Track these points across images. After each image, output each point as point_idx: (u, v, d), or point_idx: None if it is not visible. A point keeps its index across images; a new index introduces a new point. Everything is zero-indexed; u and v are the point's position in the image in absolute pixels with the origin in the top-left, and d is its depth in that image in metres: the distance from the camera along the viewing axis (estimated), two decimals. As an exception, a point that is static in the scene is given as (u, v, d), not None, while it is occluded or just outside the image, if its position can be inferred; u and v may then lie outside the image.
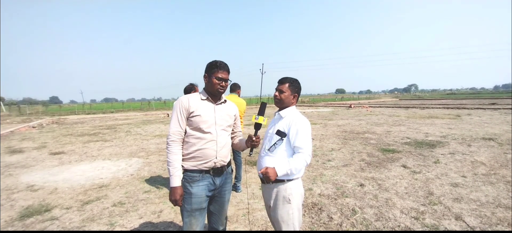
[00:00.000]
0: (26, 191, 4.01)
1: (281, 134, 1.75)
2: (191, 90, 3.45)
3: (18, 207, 3.40)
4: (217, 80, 1.74)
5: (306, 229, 2.72)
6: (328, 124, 11.48)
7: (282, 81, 1.86)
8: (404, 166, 4.72)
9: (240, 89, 3.90)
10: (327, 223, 2.82)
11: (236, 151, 3.69)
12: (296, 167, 1.68)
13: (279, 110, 1.88)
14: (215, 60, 1.78)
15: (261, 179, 1.82)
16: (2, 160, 6.16)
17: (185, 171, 1.73)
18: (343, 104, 30.94)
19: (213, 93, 1.79)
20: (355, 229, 2.69)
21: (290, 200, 1.74)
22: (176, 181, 1.67)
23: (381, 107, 22.67)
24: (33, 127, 13.67)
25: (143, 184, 4.20)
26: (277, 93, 1.84)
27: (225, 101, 1.89)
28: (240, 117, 3.43)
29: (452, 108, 18.33)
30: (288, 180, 1.74)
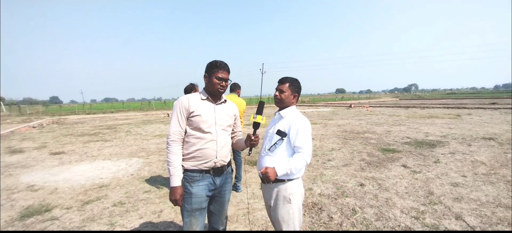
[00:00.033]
0: (26, 191, 4.01)
1: (282, 134, 1.75)
2: (191, 90, 3.45)
3: (18, 207, 3.40)
4: (217, 80, 1.74)
5: (306, 229, 2.72)
6: (328, 124, 11.48)
7: (282, 81, 1.86)
8: (404, 166, 4.72)
9: (240, 89, 3.89)
10: (327, 223, 2.82)
11: (236, 151, 3.69)
12: (296, 167, 1.68)
13: (280, 110, 1.87)
14: (215, 60, 1.78)
15: (261, 179, 1.82)
16: (2, 160, 6.16)
17: (185, 171, 1.73)
18: (343, 104, 30.93)
19: (213, 93, 1.79)
20: (355, 229, 2.69)
21: (291, 200, 1.74)
22: (176, 181, 1.67)
23: (381, 107, 22.67)
24: (33, 127, 13.67)
25: (143, 184, 4.20)
26: (277, 93, 1.84)
27: (225, 101, 1.89)
28: (240, 117, 3.43)
29: (452, 108, 18.33)
30: (289, 180, 1.74)
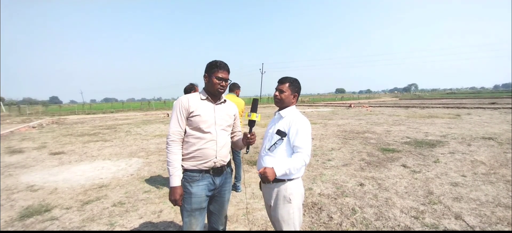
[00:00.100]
0: (26, 191, 4.01)
1: (281, 134, 1.75)
2: (191, 90, 3.44)
3: (18, 207, 3.40)
4: (217, 80, 1.74)
5: (306, 229, 2.73)
6: (328, 124, 11.48)
7: (282, 81, 1.86)
8: (404, 166, 4.72)
9: (239, 89, 3.87)
10: (327, 223, 2.82)
11: (235, 151, 3.69)
12: (295, 167, 1.68)
13: (279, 110, 1.88)
14: (215, 60, 1.78)
15: (261, 179, 1.83)
16: (2, 160, 6.15)
17: (185, 171, 1.73)
18: (343, 104, 30.93)
19: (213, 93, 1.79)
20: (355, 229, 2.69)
21: (291, 200, 1.74)
22: (176, 181, 1.67)
23: (381, 107, 22.67)
24: (33, 127, 13.67)
25: (143, 184, 4.20)
26: (277, 93, 1.85)
27: (225, 101, 1.89)
28: (240, 116, 3.43)
29: (452, 107, 18.35)
30: (289, 180, 1.75)
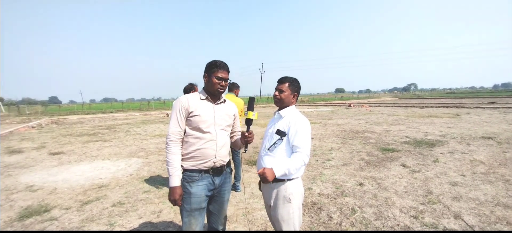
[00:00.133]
0: (25, 191, 4.00)
1: (281, 133, 1.75)
2: (191, 90, 3.44)
3: (18, 208, 3.40)
4: (217, 80, 1.74)
5: (306, 229, 2.73)
6: (328, 123, 11.49)
7: (282, 80, 1.86)
8: (404, 165, 4.73)
9: (239, 89, 3.87)
10: (327, 223, 2.82)
11: (235, 151, 3.69)
12: (294, 167, 1.68)
13: (279, 109, 1.88)
14: (215, 60, 1.78)
15: (260, 179, 1.83)
16: (2, 160, 6.14)
17: (185, 171, 1.73)
18: (343, 103, 30.96)
19: (213, 93, 1.79)
20: (355, 228, 2.69)
21: (291, 200, 1.74)
22: (176, 181, 1.67)
23: (381, 106, 22.69)
24: (33, 127, 13.65)
25: (143, 184, 4.20)
26: (277, 93, 1.85)
27: (225, 101, 1.89)
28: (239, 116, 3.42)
29: (452, 107, 18.36)
30: (288, 180, 1.75)
